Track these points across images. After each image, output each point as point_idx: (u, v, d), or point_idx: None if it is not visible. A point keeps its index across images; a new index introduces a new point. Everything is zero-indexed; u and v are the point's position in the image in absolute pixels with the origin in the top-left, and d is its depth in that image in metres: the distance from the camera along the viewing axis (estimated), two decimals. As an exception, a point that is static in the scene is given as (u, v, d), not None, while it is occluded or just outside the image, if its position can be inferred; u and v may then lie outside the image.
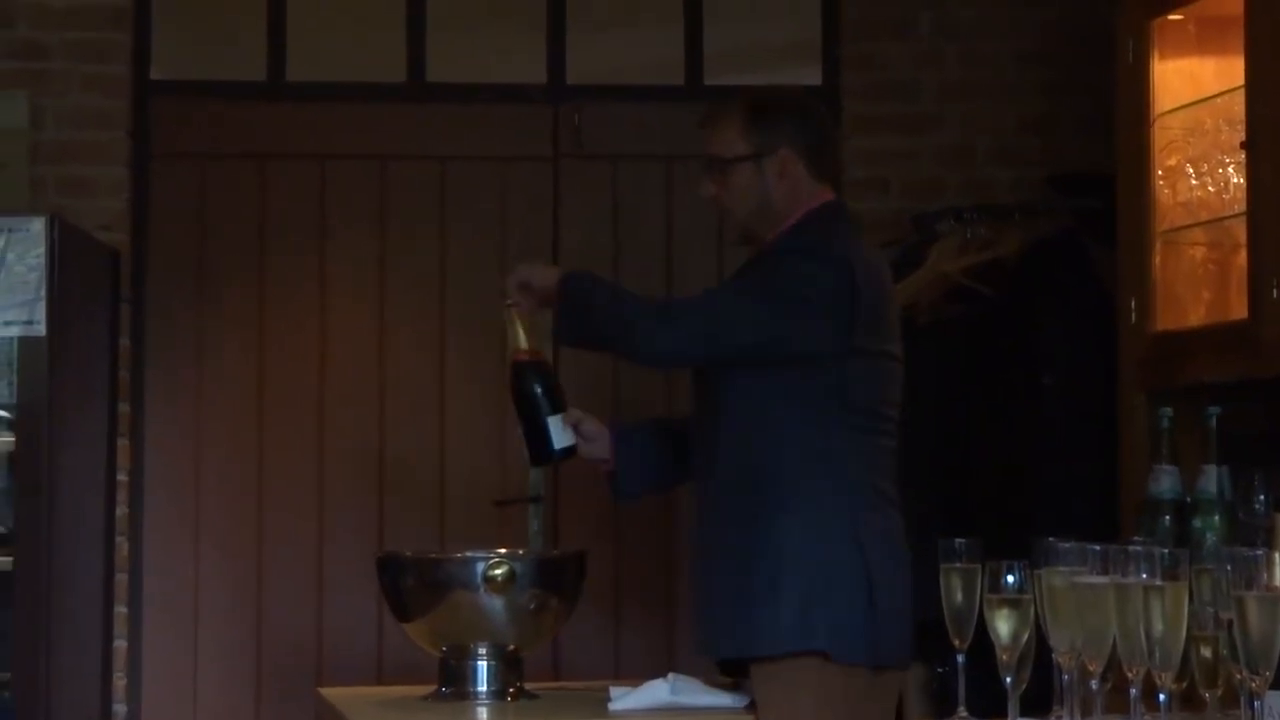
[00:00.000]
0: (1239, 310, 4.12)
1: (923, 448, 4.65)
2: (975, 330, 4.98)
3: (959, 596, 2.81)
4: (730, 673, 3.63)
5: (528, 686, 3.58)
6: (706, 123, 3.84)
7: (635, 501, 4.08)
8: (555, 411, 3.67)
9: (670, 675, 3.48)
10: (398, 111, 5.76)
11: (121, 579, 5.52)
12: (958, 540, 2.85)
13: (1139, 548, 2.51)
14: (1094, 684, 2.60)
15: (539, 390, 3.67)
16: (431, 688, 3.58)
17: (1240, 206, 4.10)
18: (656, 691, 3.44)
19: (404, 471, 5.66)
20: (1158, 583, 2.44)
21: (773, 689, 3.46)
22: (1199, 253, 4.40)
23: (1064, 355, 4.85)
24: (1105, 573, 2.52)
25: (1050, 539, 2.68)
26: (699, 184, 3.81)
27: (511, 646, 3.54)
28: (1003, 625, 2.72)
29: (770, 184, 3.72)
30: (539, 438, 3.66)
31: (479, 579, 3.47)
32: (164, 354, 5.63)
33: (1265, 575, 2.38)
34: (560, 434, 3.66)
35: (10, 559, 4.89)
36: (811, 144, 3.75)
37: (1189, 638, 2.46)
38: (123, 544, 5.53)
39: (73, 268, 5.04)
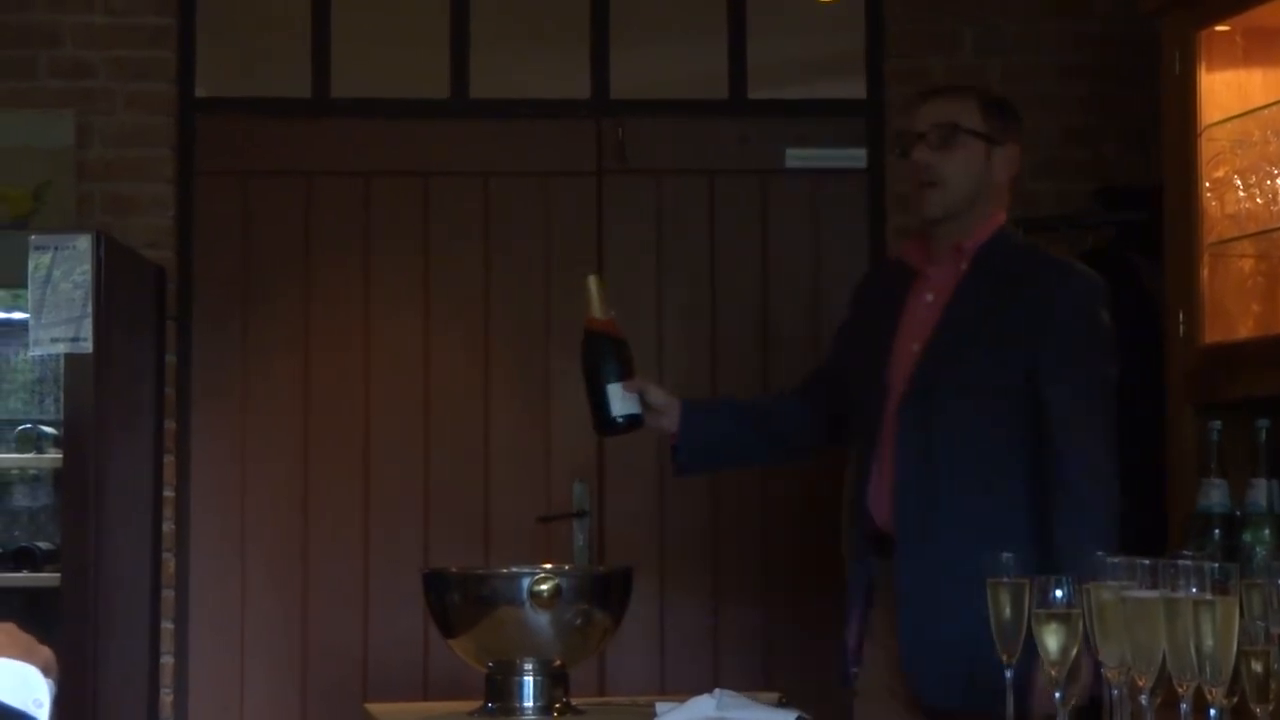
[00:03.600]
0: (1288, 323, 4.10)
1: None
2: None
3: (1007, 611, 2.80)
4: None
5: (574, 702, 3.57)
6: (934, 95, 3.84)
7: (693, 475, 4.16)
8: (619, 380, 3.71)
9: (716, 691, 3.46)
10: (441, 127, 5.77)
11: (168, 595, 5.54)
12: (1005, 554, 2.83)
13: (1188, 562, 2.49)
14: (1143, 699, 2.58)
15: (605, 358, 3.72)
16: (477, 703, 3.57)
17: (1289, 218, 4.08)
18: (703, 707, 3.42)
19: (449, 486, 5.67)
20: (1208, 597, 2.42)
21: None
22: (1247, 265, 4.37)
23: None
24: (1154, 587, 2.50)
25: (1099, 553, 2.67)
26: (914, 149, 3.75)
27: (557, 662, 3.53)
28: (1051, 640, 2.70)
29: (995, 173, 3.74)
30: (601, 405, 3.71)
31: (525, 594, 3.46)
32: (209, 370, 5.65)
33: (1316, 589, 2.37)
34: (620, 402, 3.72)
35: (57, 575, 4.91)
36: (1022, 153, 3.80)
37: (1239, 652, 2.44)
38: (169, 560, 5.55)
39: (119, 285, 5.06)
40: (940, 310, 3.73)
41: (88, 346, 4.88)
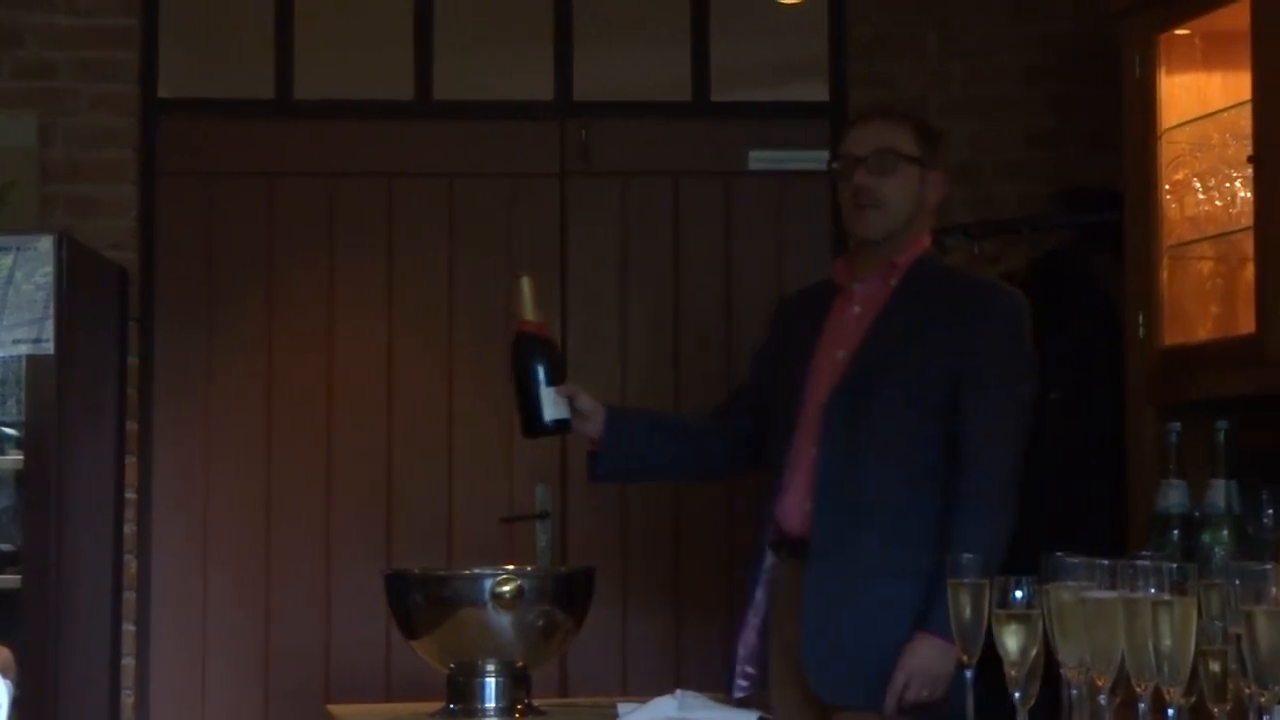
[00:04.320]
0: (1247, 324, 4.12)
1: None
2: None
3: (967, 612, 2.81)
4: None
5: (535, 703, 3.57)
6: (867, 120, 3.94)
7: (607, 483, 4.37)
8: (551, 384, 3.74)
9: (678, 691, 3.47)
10: (405, 129, 5.77)
11: (129, 597, 5.52)
12: (965, 555, 2.84)
13: (1147, 562, 2.50)
14: (1102, 699, 2.60)
15: (538, 361, 3.75)
16: (439, 704, 3.57)
17: (1247, 221, 4.10)
18: (664, 708, 3.42)
19: (412, 488, 5.66)
20: (1166, 597, 2.43)
21: None
22: (1206, 267, 4.40)
23: (1072, 370, 4.85)
24: (1113, 587, 2.51)
25: (1058, 554, 2.68)
26: (855, 173, 3.83)
27: (519, 663, 3.53)
28: (1011, 640, 2.71)
29: (927, 196, 3.87)
30: (533, 409, 3.73)
31: (487, 596, 3.46)
32: (172, 372, 5.64)
33: (1274, 590, 2.38)
34: (552, 406, 3.75)
35: (18, 577, 4.90)
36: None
37: (1197, 652, 2.45)
38: (130, 562, 5.53)
39: (81, 286, 5.05)
40: (869, 321, 3.83)
41: (49, 347, 4.87)
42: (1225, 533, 3.78)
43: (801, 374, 3.85)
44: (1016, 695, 2.73)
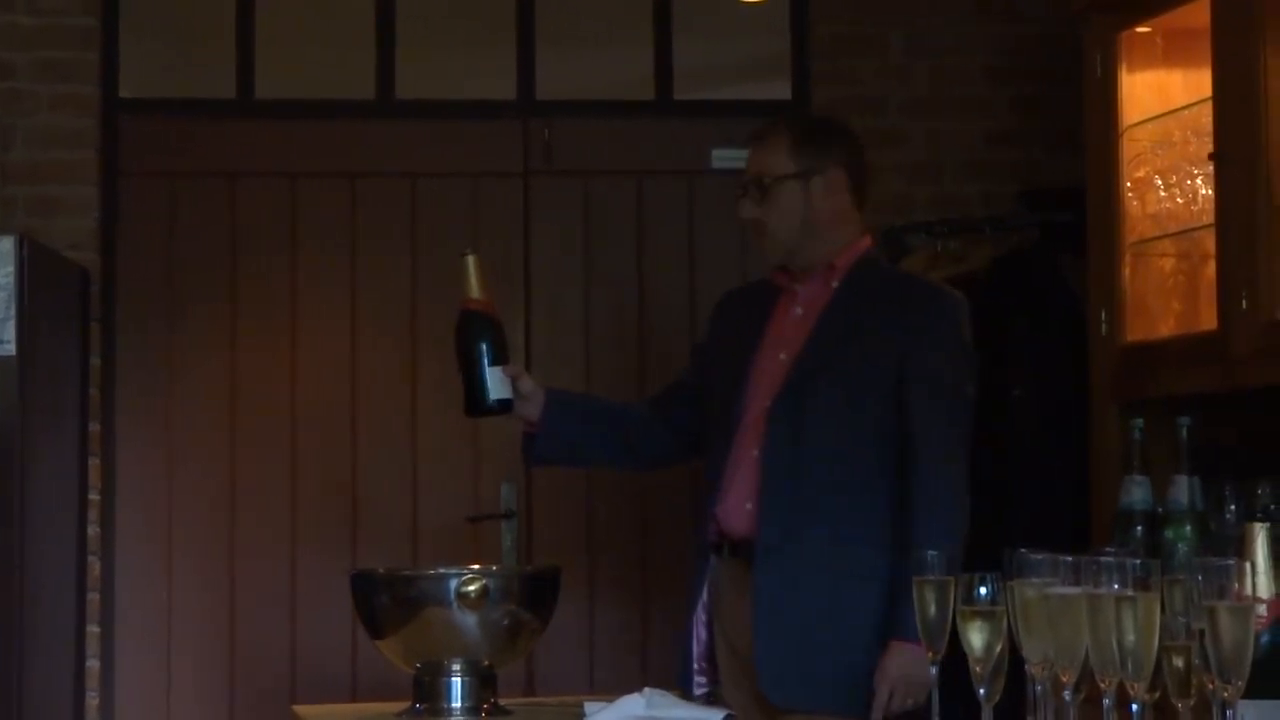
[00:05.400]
0: (1208, 321, 4.14)
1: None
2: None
3: (932, 609, 2.82)
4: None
5: (502, 702, 3.57)
6: (754, 142, 3.93)
7: (542, 466, 4.42)
8: (495, 363, 3.75)
9: (645, 690, 3.48)
10: (367, 128, 5.76)
11: (93, 598, 5.50)
12: (930, 552, 2.85)
13: (1111, 559, 2.51)
14: (1067, 695, 2.60)
15: (483, 340, 3.76)
16: (405, 704, 3.57)
17: (1209, 218, 4.12)
18: (632, 706, 3.43)
19: (377, 487, 5.65)
20: (1129, 593, 2.44)
21: None
22: (1168, 264, 4.42)
23: (1035, 367, 4.86)
24: (1077, 584, 2.52)
25: (1022, 550, 2.69)
26: (739, 206, 3.86)
27: (486, 662, 3.54)
28: (976, 637, 2.72)
29: (815, 203, 3.83)
30: (477, 388, 3.73)
31: (452, 595, 3.46)
32: (135, 372, 5.62)
33: (1236, 585, 2.39)
34: (497, 386, 3.77)
35: (-19, 579, 4.88)
36: (859, 169, 3.90)
37: (1161, 648, 2.46)
38: (94, 563, 5.51)
39: (42, 287, 5.03)
40: (812, 322, 3.84)
41: (11, 349, 4.85)
42: (1188, 529, 3.79)
43: (743, 375, 3.86)
44: (981, 691, 2.73)
